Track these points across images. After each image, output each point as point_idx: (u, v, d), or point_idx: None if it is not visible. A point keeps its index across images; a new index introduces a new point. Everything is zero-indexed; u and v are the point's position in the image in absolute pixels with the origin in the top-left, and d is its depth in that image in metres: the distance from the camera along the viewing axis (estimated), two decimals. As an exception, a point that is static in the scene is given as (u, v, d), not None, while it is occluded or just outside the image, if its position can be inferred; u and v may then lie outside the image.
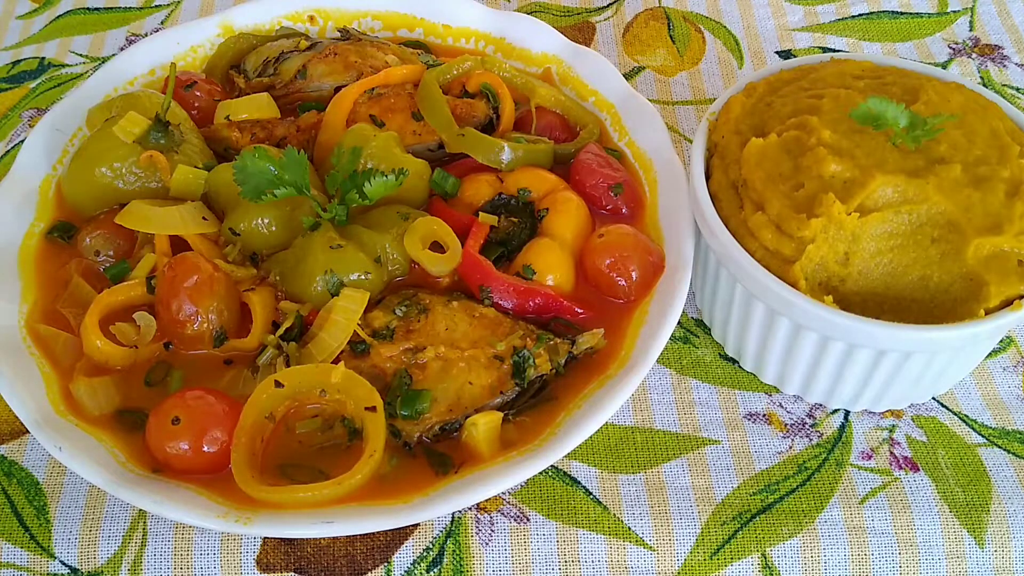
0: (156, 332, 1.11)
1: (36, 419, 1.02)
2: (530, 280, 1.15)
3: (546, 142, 1.31)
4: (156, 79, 1.42)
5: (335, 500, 0.99)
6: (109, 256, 1.19)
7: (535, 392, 1.09)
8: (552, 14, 1.67)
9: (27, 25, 1.67)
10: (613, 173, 1.27)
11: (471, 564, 1.03)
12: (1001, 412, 1.15)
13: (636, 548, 1.04)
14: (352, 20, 1.51)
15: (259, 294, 1.13)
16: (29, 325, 1.13)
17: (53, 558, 1.04)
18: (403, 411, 1.04)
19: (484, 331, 1.11)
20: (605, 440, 1.12)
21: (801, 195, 1.02)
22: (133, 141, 1.20)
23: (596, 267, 1.17)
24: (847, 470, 1.10)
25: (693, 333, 1.23)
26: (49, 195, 1.27)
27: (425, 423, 1.04)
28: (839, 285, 1.01)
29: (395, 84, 1.34)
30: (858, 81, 1.13)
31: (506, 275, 1.15)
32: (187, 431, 1.01)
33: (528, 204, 1.23)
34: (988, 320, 0.97)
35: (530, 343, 1.09)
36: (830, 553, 1.04)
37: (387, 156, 1.20)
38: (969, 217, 0.99)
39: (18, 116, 1.49)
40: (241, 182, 1.13)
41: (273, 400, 1.04)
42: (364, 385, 1.04)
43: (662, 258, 1.19)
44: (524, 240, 1.21)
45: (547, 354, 1.09)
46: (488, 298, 1.14)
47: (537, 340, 1.10)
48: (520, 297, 1.14)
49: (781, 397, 1.16)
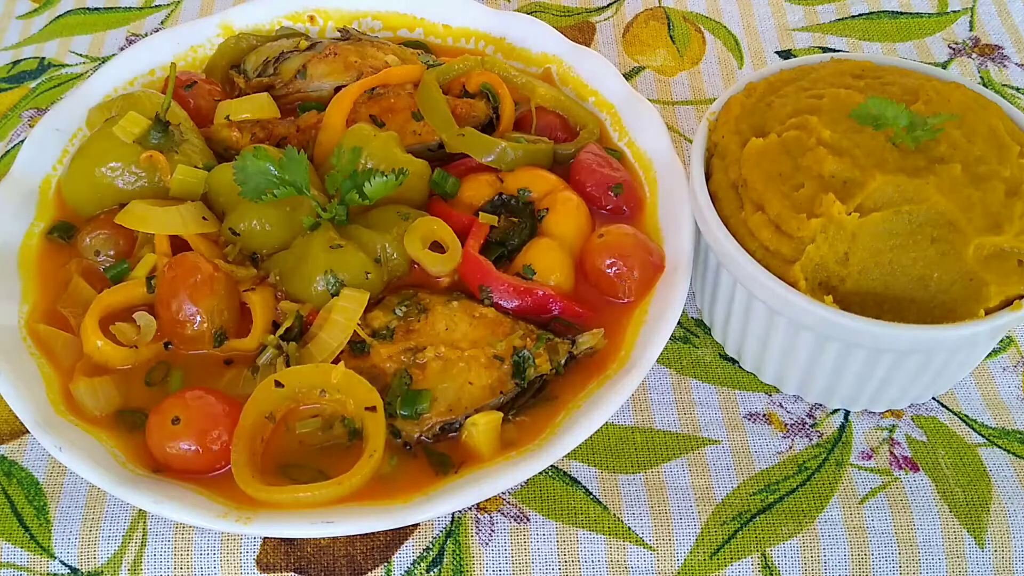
0: (156, 332, 1.11)
1: (36, 419, 1.02)
2: (530, 280, 1.15)
3: (546, 142, 1.31)
4: (156, 79, 1.42)
5: (335, 500, 0.99)
6: (109, 256, 1.19)
7: (535, 392, 1.09)
8: (552, 14, 1.67)
9: (27, 25, 1.67)
10: (613, 173, 1.27)
11: (471, 564, 1.03)
12: (1001, 412, 1.15)
13: (636, 548, 1.04)
14: (352, 20, 1.51)
15: (259, 294, 1.13)
16: (29, 325, 1.13)
17: (53, 558, 1.04)
18: (403, 411, 1.04)
19: (484, 331, 1.11)
20: (605, 440, 1.12)
21: (801, 195, 1.02)
22: (133, 141, 1.20)
23: (596, 267, 1.17)
24: (847, 470, 1.10)
25: (693, 333, 1.23)
26: (49, 195, 1.27)
27: (425, 423, 1.04)
28: (839, 285, 1.01)
29: (395, 84, 1.34)
30: (858, 81, 1.13)
31: (506, 275, 1.15)
32: (187, 431, 1.01)
33: (528, 204, 1.23)
34: (988, 320, 0.97)
35: (530, 343, 1.09)
36: (830, 553, 1.04)
37: (387, 156, 1.20)
38: (969, 217, 0.99)
39: (18, 116, 1.49)
40: (241, 182, 1.13)
41: (273, 400, 1.04)
42: (364, 385, 1.04)
43: (662, 258, 1.19)
44: (524, 240, 1.21)
45: (547, 354, 1.09)
46: (488, 298, 1.14)
47: (537, 340, 1.10)
48: (520, 297, 1.14)
49: (781, 397, 1.16)
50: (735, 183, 1.09)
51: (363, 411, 1.03)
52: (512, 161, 1.26)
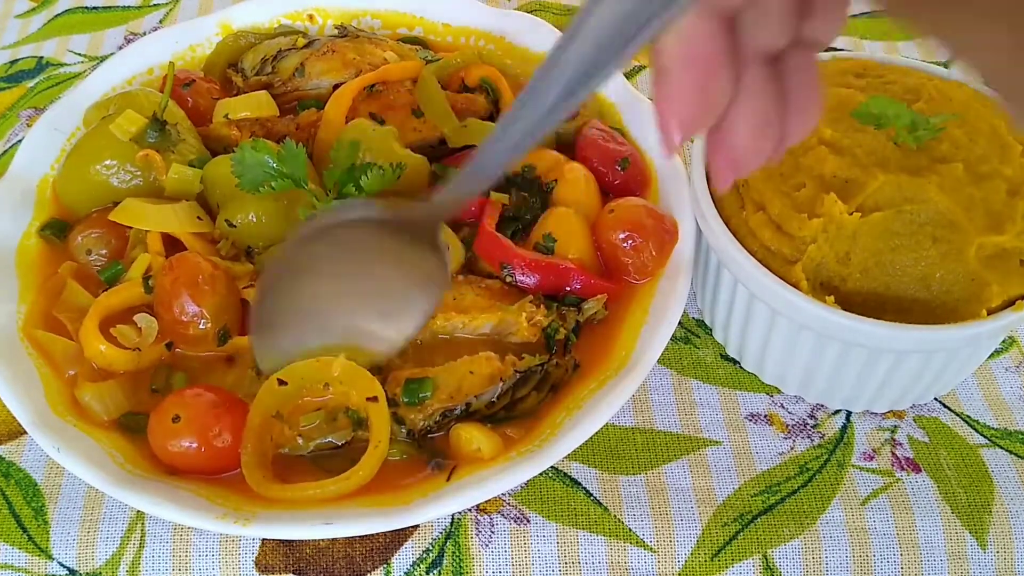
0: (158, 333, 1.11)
1: (34, 420, 1.02)
2: (551, 251, 1.16)
3: None
4: (155, 78, 1.41)
5: (344, 495, 0.99)
6: (101, 255, 1.18)
7: (536, 384, 1.08)
8: (552, 13, 1.66)
9: (25, 24, 1.66)
10: (619, 147, 1.27)
11: (471, 565, 1.03)
12: (1003, 413, 1.15)
13: (637, 550, 1.04)
14: (352, 18, 1.51)
15: (259, 291, 1.12)
16: (27, 331, 1.12)
17: (51, 559, 1.03)
18: (405, 398, 1.04)
19: (492, 299, 1.12)
20: (605, 441, 1.12)
21: (802, 195, 1.02)
22: (129, 139, 1.19)
23: (610, 241, 1.17)
24: (849, 471, 1.09)
25: (694, 333, 1.22)
26: (47, 195, 1.26)
27: (427, 409, 1.04)
28: (840, 285, 1.00)
29: (394, 81, 1.33)
30: (859, 80, 1.13)
31: (526, 251, 1.15)
32: (188, 428, 1.00)
33: (535, 178, 1.24)
34: (990, 320, 0.96)
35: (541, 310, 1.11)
36: (832, 554, 1.04)
37: (385, 150, 1.19)
38: (971, 216, 0.98)
39: (16, 115, 1.49)
40: (239, 174, 1.12)
41: (278, 398, 1.04)
42: (365, 376, 1.04)
43: (675, 225, 1.18)
44: (537, 212, 1.21)
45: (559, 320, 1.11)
46: (511, 275, 1.14)
47: (547, 309, 1.11)
48: (542, 272, 1.13)
49: (782, 398, 1.16)
50: (736, 183, 1.09)
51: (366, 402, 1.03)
52: None
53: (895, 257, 0.98)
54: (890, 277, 0.99)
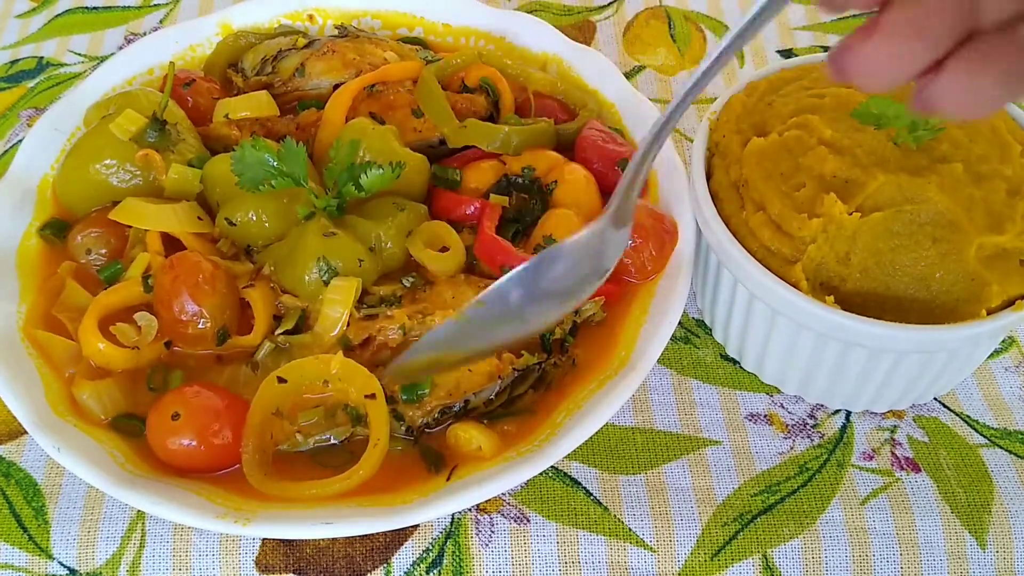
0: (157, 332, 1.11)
1: (34, 419, 1.02)
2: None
3: (547, 122, 1.30)
4: (155, 78, 1.42)
5: (345, 493, 0.99)
6: (101, 255, 1.19)
7: (534, 383, 1.08)
8: (552, 13, 1.66)
9: (25, 24, 1.66)
10: (618, 148, 1.27)
11: (471, 565, 1.03)
12: (1003, 413, 1.15)
13: (637, 549, 1.04)
14: (352, 19, 1.51)
15: (259, 290, 1.12)
16: (27, 331, 1.12)
17: (51, 559, 1.03)
18: (403, 395, 1.04)
19: None
20: (605, 441, 1.12)
21: (802, 194, 1.02)
22: (129, 139, 1.20)
23: None
24: (848, 471, 1.09)
25: (694, 333, 1.22)
26: (47, 195, 1.26)
27: (426, 406, 1.04)
28: (840, 285, 1.00)
29: (394, 81, 1.33)
30: (859, 80, 1.13)
31: (527, 253, 1.15)
32: (188, 425, 1.00)
33: (535, 180, 1.24)
34: (990, 320, 0.96)
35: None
36: (831, 554, 1.04)
37: (385, 149, 1.19)
38: (971, 216, 0.98)
39: (16, 115, 1.49)
40: (239, 172, 1.12)
41: (277, 396, 1.04)
42: (363, 373, 1.04)
43: (675, 225, 1.18)
44: (537, 214, 1.21)
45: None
46: None
47: None
48: None
49: (782, 397, 1.16)
50: (736, 183, 1.09)
51: (364, 399, 1.03)
52: (517, 145, 1.25)
53: (895, 257, 0.98)
54: (890, 277, 0.99)
